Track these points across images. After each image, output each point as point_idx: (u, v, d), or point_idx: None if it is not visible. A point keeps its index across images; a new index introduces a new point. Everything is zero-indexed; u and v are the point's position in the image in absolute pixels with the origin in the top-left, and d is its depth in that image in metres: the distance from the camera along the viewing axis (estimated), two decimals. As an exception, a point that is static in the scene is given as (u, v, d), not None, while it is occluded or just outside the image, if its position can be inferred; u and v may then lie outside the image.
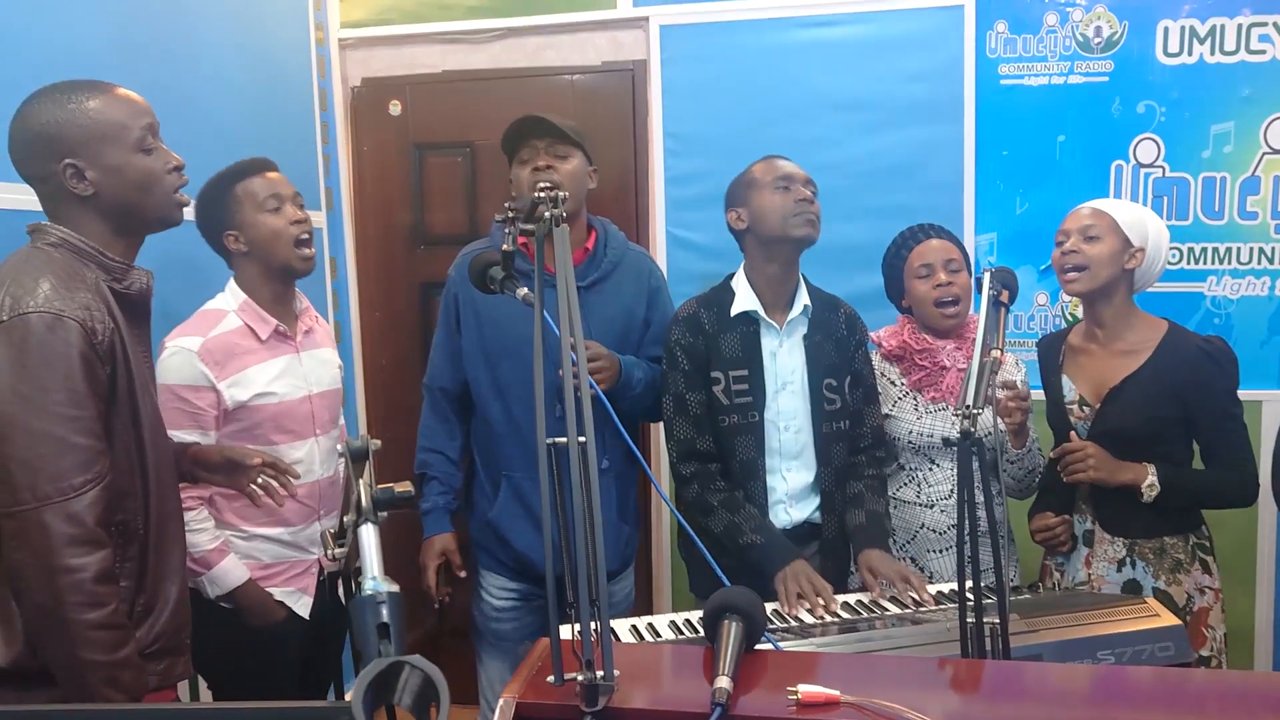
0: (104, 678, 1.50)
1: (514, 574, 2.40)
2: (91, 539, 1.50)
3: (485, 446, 2.42)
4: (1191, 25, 2.96)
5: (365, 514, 0.80)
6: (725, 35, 3.21)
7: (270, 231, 2.17)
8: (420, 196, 3.47)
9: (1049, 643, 1.77)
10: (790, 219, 2.25)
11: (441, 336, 2.45)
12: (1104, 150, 3.05)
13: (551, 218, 1.25)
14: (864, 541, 2.25)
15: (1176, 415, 2.18)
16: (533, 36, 3.37)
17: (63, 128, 1.60)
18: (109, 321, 1.58)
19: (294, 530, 2.24)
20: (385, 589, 0.76)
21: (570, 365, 1.19)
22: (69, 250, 1.61)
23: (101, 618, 1.50)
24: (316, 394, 2.28)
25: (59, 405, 1.49)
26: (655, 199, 3.30)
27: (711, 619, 1.30)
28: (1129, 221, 2.26)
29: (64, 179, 1.61)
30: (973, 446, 1.52)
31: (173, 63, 2.48)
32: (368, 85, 3.47)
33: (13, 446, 1.47)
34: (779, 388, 2.30)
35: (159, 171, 1.68)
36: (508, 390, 2.34)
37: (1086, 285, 2.27)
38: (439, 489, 2.41)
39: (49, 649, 1.51)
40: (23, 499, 1.47)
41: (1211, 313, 3.03)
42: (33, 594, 1.48)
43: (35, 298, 1.51)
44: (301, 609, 2.25)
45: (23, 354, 1.48)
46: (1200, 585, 2.25)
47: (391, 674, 0.66)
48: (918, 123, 3.13)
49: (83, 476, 1.50)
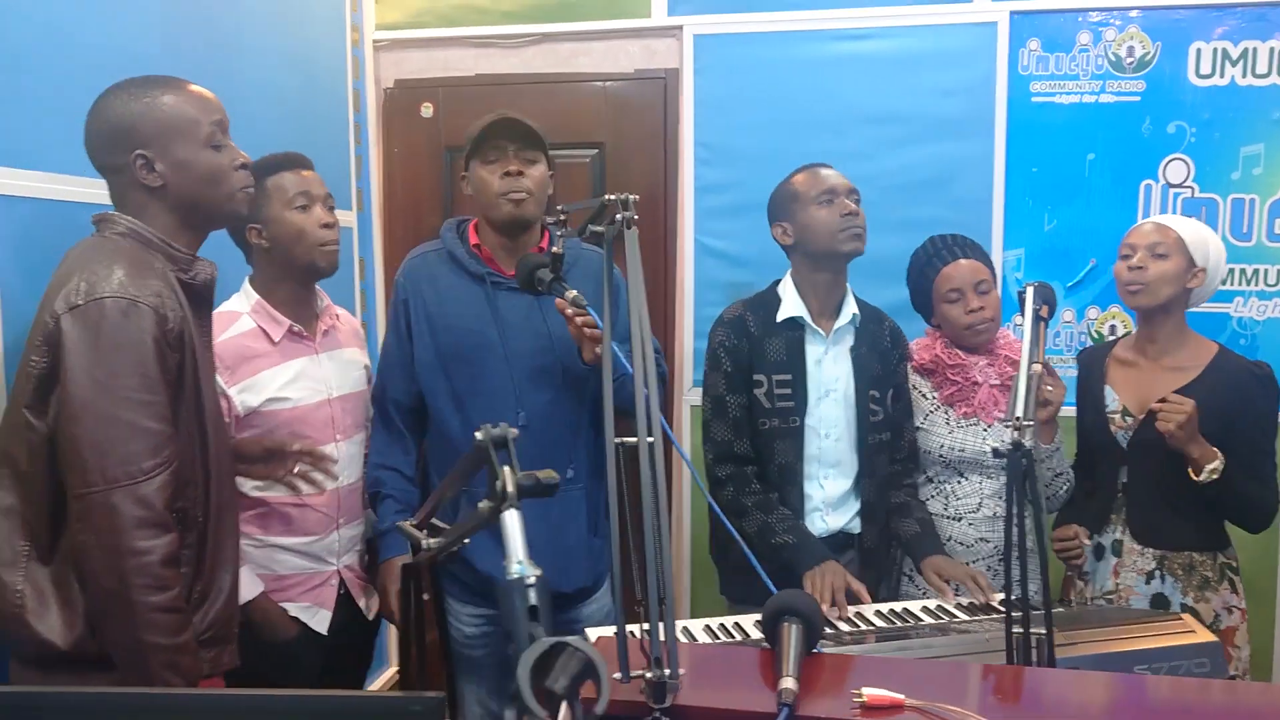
0: (165, 661, 1.51)
1: (481, 598, 2.26)
2: (159, 522, 1.51)
3: (443, 461, 2.27)
4: (1224, 47, 2.98)
5: (509, 500, 0.81)
6: (759, 46, 3.23)
7: (295, 230, 2.10)
8: (450, 199, 3.48)
9: (1086, 656, 1.77)
10: (838, 234, 2.25)
11: (391, 345, 2.30)
12: (1134, 170, 3.07)
13: (624, 220, 1.26)
14: (924, 549, 2.26)
15: (1216, 433, 2.20)
16: (566, 43, 3.39)
17: (137, 120, 1.63)
18: (179, 309, 1.61)
19: (313, 540, 2.15)
20: (532, 572, 0.77)
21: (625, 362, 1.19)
22: (136, 240, 1.64)
23: (165, 601, 1.51)
24: (337, 397, 2.20)
25: (132, 390, 1.51)
26: (685, 208, 3.32)
27: (771, 621, 1.31)
28: (1194, 241, 2.28)
29: (134, 170, 1.64)
30: (1023, 458, 1.53)
31: (215, 62, 2.49)
32: (400, 87, 3.50)
33: (84, 429, 1.49)
34: (821, 395, 2.31)
35: (226, 167, 1.71)
36: (466, 400, 2.21)
37: (1149, 301, 2.29)
38: (395, 508, 2.24)
39: (111, 631, 1.52)
40: (92, 481, 1.48)
41: (1237, 333, 3.04)
42: (99, 576, 1.49)
43: (110, 283, 1.53)
44: (318, 624, 2.16)
45: (97, 338, 1.50)
46: (1228, 604, 2.27)
47: (549, 657, 0.67)
48: (949, 138, 3.15)
49: (152, 460, 1.51)
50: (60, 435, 1.52)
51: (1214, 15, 2.99)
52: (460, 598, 2.28)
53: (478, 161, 2.20)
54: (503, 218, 2.18)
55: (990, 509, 2.37)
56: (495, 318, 2.19)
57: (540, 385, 2.20)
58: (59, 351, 1.51)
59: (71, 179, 2.02)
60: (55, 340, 1.51)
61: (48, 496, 1.56)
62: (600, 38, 3.37)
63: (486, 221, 2.25)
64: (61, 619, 1.55)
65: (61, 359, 1.51)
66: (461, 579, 2.27)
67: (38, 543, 1.58)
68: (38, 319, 1.56)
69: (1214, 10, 2.98)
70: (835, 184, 2.28)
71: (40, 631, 1.55)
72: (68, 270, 1.57)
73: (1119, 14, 3.04)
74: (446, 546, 1.15)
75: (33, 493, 1.57)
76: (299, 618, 2.13)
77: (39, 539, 1.58)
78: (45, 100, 1.98)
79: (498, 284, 2.20)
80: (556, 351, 2.19)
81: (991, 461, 2.36)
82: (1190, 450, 2.18)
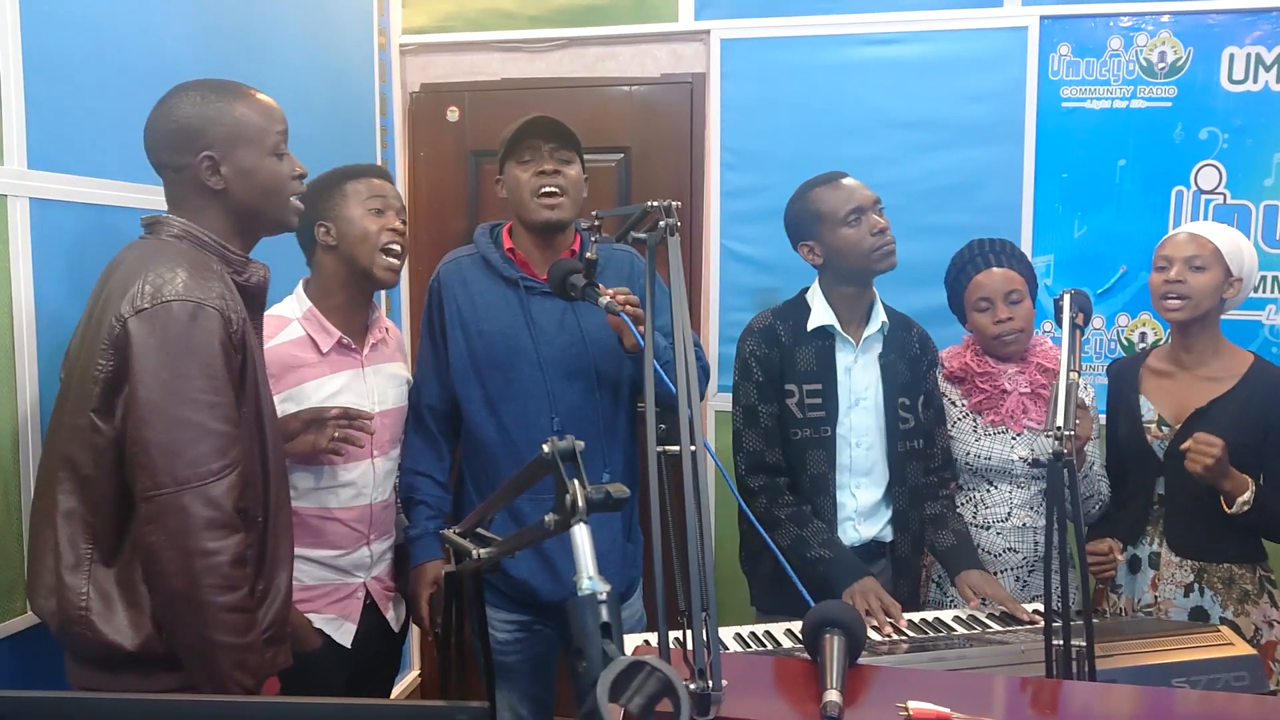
0: (234, 661, 1.53)
1: (515, 604, 2.25)
2: (228, 523, 1.53)
3: (478, 467, 2.26)
4: (1258, 53, 2.95)
5: (579, 514, 0.80)
6: (786, 50, 3.22)
7: (362, 231, 2.10)
8: (475, 204, 3.49)
9: (1124, 668, 1.74)
10: (871, 255, 2.23)
11: (425, 351, 2.30)
12: (1165, 176, 3.04)
13: (666, 227, 1.25)
14: (961, 563, 2.23)
15: (1253, 443, 2.18)
16: (593, 47, 3.39)
17: (208, 123, 1.65)
18: (240, 312, 1.62)
19: (340, 554, 2.12)
20: (603, 588, 0.76)
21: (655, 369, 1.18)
22: (193, 242, 1.65)
23: (235, 601, 1.52)
24: (379, 413, 2.16)
25: (199, 392, 1.52)
26: (711, 212, 3.31)
27: (812, 632, 1.30)
28: (1230, 251, 2.26)
29: (199, 170, 1.65)
30: (1064, 468, 1.52)
31: (244, 66, 2.50)
32: (426, 91, 3.50)
33: (153, 431, 1.50)
34: (852, 403, 2.29)
35: (286, 177, 1.74)
36: (500, 405, 2.20)
37: (1189, 314, 2.27)
38: (427, 513, 2.24)
39: (180, 632, 1.53)
40: (162, 482, 1.49)
41: (1270, 341, 3.01)
42: (169, 577, 1.50)
43: (175, 286, 1.54)
44: (343, 637, 2.13)
45: (165, 341, 1.51)
46: (1269, 618, 2.24)
47: (624, 676, 0.66)
48: (978, 143, 3.13)
49: (220, 462, 1.52)
50: (129, 438, 1.52)
51: (1247, 20, 2.95)
52: (494, 604, 2.26)
53: (512, 162, 2.20)
54: (537, 221, 2.18)
55: (1020, 519, 2.35)
56: (528, 322, 2.18)
57: (574, 388, 2.19)
58: (126, 355, 1.52)
59: (108, 183, 2.03)
60: (122, 344, 1.52)
61: (112, 500, 1.57)
62: (627, 42, 3.36)
63: (520, 224, 2.24)
64: (129, 620, 1.56)
65: (129, 362, 1.51)
66: (496, 585, 2.26)
67: (101, 545, 1.59)
68: (100, 322, 1.56)
69: (1247, 15, 2.95)
70: (861, 200, 2.24)
71: (107, 634, 1.56)
72: (128, 273, 1.58)
73: (1150, 19, 3.01)
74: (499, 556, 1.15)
75: (97, 495, 1.57)
76: (324, 630, 2.11)
77: (103, 541, 1.59)
78: (84, 107, 1.99)
79: (531, 288, 2.19)
80: (590, 355, 2.18)
81: (1021, 471, 2.34)
82: (1222, 484, 2.16)
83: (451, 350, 2.25)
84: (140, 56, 2.13)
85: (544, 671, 2.36)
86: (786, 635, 1.95)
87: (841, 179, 2.29)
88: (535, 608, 2.25)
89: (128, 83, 2.01)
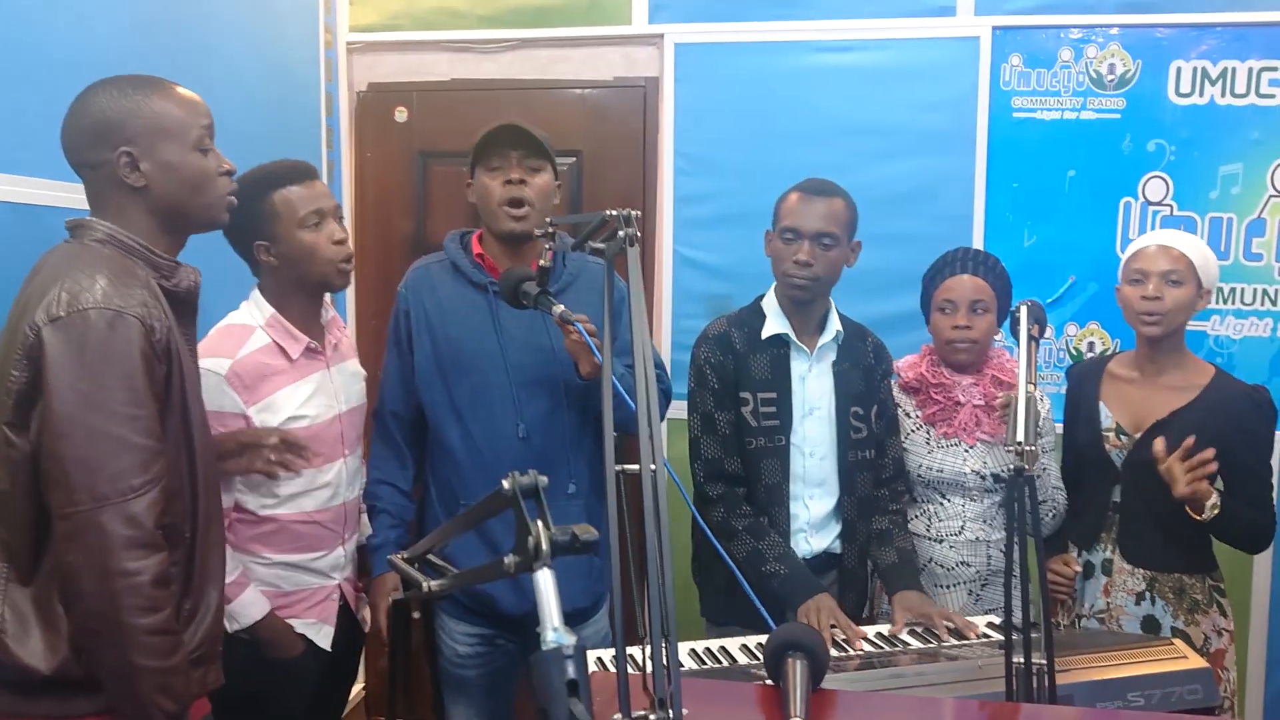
0: (157, 685, 1.46)
1: (475, 616, 2.22)
2: (150, 542, 1.46)
3: (442, 476, 2.24)
4: (1204, 66, 2.99)
5: (542, 558, 0.74)
6: (740, 56, 3.19)
7: (307, 249, 2.02)
8: (423, 205, 3.42)
9: (1080, 683, 1.74)
10: (784, 277, 2.25)
11: (391, 357, 2.27)
12: (1113, 187, 3.06)
13: (626, 237, 1.21)
14: (899, 583, 2.21)
15: (1215, 456, 2.18)
16: (544, 49, 3.34)
17: (125, 117, 1.58)
18: (165, 319, 1.55)
19: (318, 556, 2.10)
20: (570, 641, 0.71)
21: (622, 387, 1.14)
22: (117, 246, 1.57)
23: (157, 623, 1.46)
24: (345, 412, 2.15)
25: (119, 404, 1.45)
26: (664, 218, 3.27)
27: (775, 656, 1.26)
28: (1201, 264, 2.27)
29: (117, 167, 1.58)
30: (1026, 484, 1.50)
31: (185, 63, 2.41)
32: (374, 91, 3.42)
33: (71, 445, 1.43)
34: (806, 413, 2.27)
35: (212, 172, 1.66)
36: (466, 412, 2.17)
37: (1166, 329, 2.27)
38: (389, 523, 2.23)
39: (100, 654, 1.46)
40: (79, 500, 1.42)
41: (1214, 352, 3.04)
42: (86, 598, 1.43)
43: (93, 294, 1.46)
44: (323, 640, 2.12)
45: (82, 351, 1.44)
46: (1217, 627, 2.26)
47: None
48: (930, 152, 3.13)
49: (142, 477, 1.46)
50: (44, 452, 1.45)
51: (1194, 34, 2.99)
52: (454, 615, 2.24)
53: (481, 168, 2.16)
54: (502, 232, 2.15)
55: (973, 532, 2.34)
56: (496, 328, 2.15)
57: (541, 398, 2.15)
58: (41, 365, 1.44)
59: (38, 182, 1.94)
60: (36, 354, 1.45)
61: (29, 516, 1.49)
62: (579, 44, 3.31)
63: (489, 231, 2.20)
64: (44, 642, 1.49)
65: (44, 373, 1.44)
66: (456, 597, 2.22)
67: (17, 564, 1.51)
68: (14, 331, 1.49)
69: (1193, 30, 2.99)
70: (802, 225, 2.22)
71: (21, 656, 1.48)
72: (46, 280, 1.50)
73: (1100, 31, 3.04)
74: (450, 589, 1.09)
75: (12, 513, 1.50)
76: (305, 634, 2.09)
77: (18, 560, 1.51)
78: (13, 102, 1.91)
79: (500, 294, 2.15)
80: (558, 364, 2.14)
81: (974, 484, 2.33)
82: (1188, 493, 2.16)
83: (418, 355, 2.22)
84: (73, 50, 2.05)
85: (503, 687, 2.31)
86: (743, 651, 1.91)
87: (811, 197, 2.26)
88: (496, 620, 2.22)
89: (59, 77, 1.91)
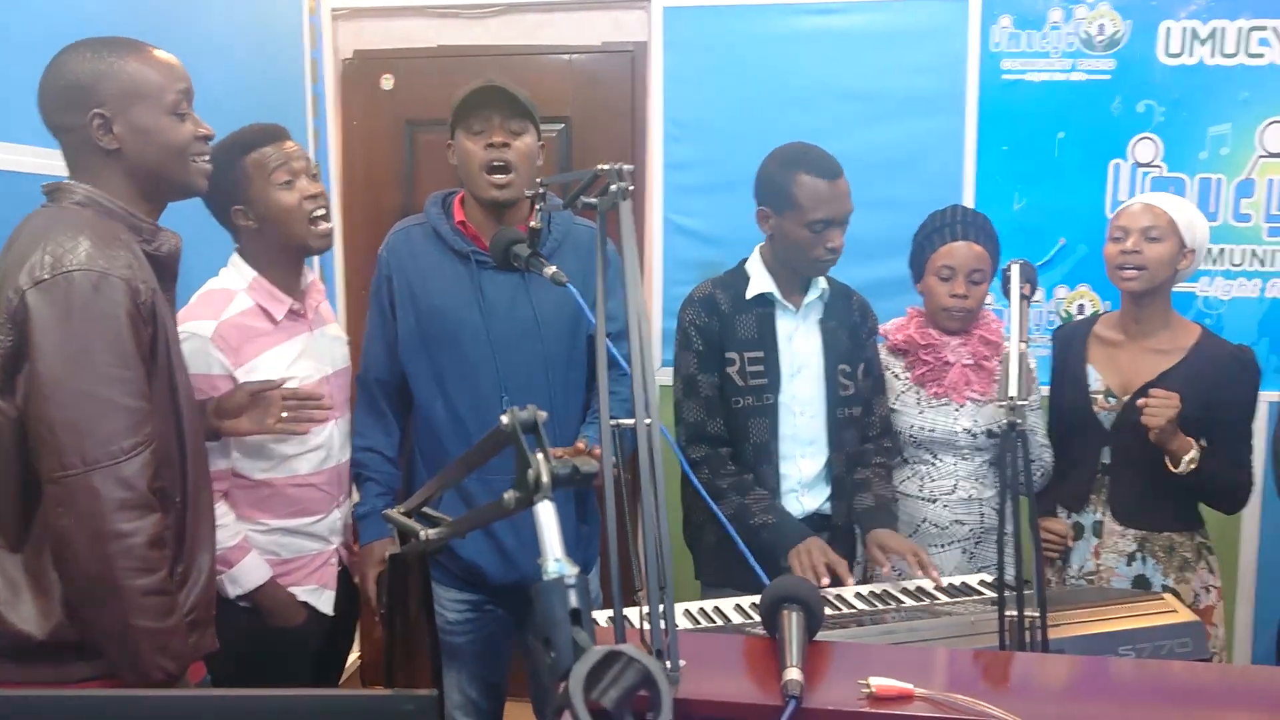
0: (156, 645, 1.47)
1: (464, 584, 2.22)
2: (143, 503, 1.45)
3: (427, 445, 2.22)
4: (1193, 27, 2.98)
5: (543, 491, 0.74)
6: (729, 19, 3.17)
7: (283, 208, 2.00)
8: (410, 174, 3.39)
9: (1070, 638, 1.75)
10: (814, 263, 2.22)
11: (374, 324, 2.25)
12: (1103, 148, 3.06)
13: (618, 190, 1.20)
14: (873, 522, 2.22)
15: (1196, 416, 2.20)
16: (531, 14, 3.31)
17: (98, 79, 1.55)
18: (150, 282, 1.53)
19: (316, 520, 2.09)
20: (571, 570, 0.71)
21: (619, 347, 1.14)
22: (97, 209, 1.56)
23: (153, 584, 1.46)
24: (332, 374, 2.14)
25: (106, 365, 1.44)
26: (654, 184, 3.25)
27: (770, 609, 1.27)
28: (1184, 223, 2.27)
29: (90, 129, 1.55)
30: (1018, 438, 1.51)
31: (167, 28, 2.37)
32: (359, 58, 3.39)
33: (58, 409, 1.41)
34: (794, 371, 2.27)
35: (188, 137, 1.64)
36: (449, 383, 2.15)
37: (1145, 285, 2.27)
38: (376, 490, 2.20)
39: (97, 618, 1.46)
40: (70, 463, 1.41)
41: (1203, 313, 3.06)
42: (81, 562, 1.43)
43: (77, 255, 1.45)
44: (325, 605, 2.11)
45: (67, 313, 1.43)
46: (1206, 584, 2.29)
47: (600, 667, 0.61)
48: (919, 115, 3.11)
49: (132, 439, 1.45)
50: (31, 417, 1.44)
51: (1183, -6, 2.98)
52: (444, 582, 2.23)
53: (462, 131, 2.12)
54: (484, 199, 2.12)
55: (965, 491, 2.35)
56: (478, 298, 2.13)
57: (524, 367, 2.14)
58: (26, 329, 1.43)
59: (17, 148, 1.92)
60: (21, 318, 1.43)
61: (16, 482, 1.48)
62: (566, 9, 3.28)
63: (471, 196, 2.17)
64: (37, 608, 1.48)
65: (30, 337, 1.43)
66: (446, 564, 2.21)
67: (5, 532, 1.50)
68: None
69: (1183, -11, 2.98)
70: (832, 214, 2.16)
71: (14, 623, 1.48)
72: (27, 244, 1.48)
73: (1090, -9, 3.03)
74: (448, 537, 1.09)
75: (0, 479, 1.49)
76: (307, 601, 2.09)
77: (7, 527, 1.50)
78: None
79: (482, 262, 2.13)
80: (542, 334, 2.13)
81: (965, 442, 2.34)
82: (1169, 444, 2.18)
83: (400, 323, 2.19)
84: (53, 14, 2.02)
85: (494, 653, 2.31)
86: (737, 611, 1.92)
87: (824, 180, 2.18)
88: (486, 589, 2.22)
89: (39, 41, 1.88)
